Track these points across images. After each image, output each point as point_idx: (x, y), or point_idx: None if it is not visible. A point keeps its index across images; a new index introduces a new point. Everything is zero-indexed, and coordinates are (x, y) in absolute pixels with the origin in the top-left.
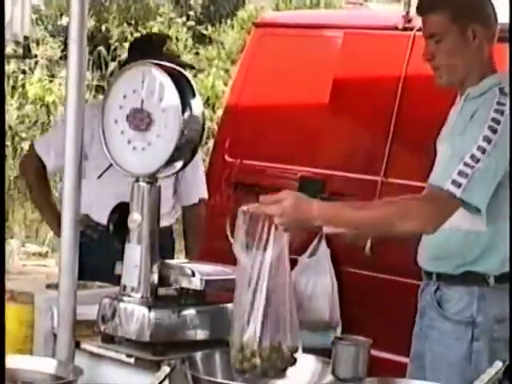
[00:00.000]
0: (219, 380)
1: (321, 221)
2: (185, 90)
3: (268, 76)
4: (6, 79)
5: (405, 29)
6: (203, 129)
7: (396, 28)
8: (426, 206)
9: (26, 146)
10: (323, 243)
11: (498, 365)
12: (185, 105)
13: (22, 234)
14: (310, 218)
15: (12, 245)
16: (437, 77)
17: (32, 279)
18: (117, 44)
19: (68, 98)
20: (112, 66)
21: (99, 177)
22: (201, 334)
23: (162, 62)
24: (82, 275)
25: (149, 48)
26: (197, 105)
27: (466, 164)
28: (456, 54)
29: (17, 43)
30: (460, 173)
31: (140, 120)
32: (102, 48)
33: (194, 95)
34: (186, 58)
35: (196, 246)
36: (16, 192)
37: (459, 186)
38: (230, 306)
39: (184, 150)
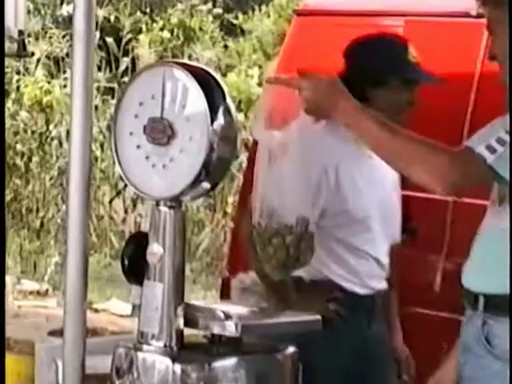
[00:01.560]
0: None
1: (341, 116)
2: (213, 94)
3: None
4: None
5: (479, 16)
6: (236, 140)
7: (468, 15)
8: (448, 158)
9: (18, 161)
10: None
11: None
12: (214, 112)
13: (18, 269)
14: (334, 107)
15: (5, 281)
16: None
17: (30, 323)
18: (129, 36)
19: (73, 103)
20: (124, 63)
21: (111, 201)
22: None
23: (186, 61)
24: None
25: (391, 55)
26: (228, 111)
27: (507, 132)
28: None
29: (10, 39)
30: (499, 140)
31: (160, 132)
32: (111, 41)
33: (224, 100)
34: (212, 52)
35: None
36: (10, 217)
37: (494, 151)
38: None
39: (213, 167)
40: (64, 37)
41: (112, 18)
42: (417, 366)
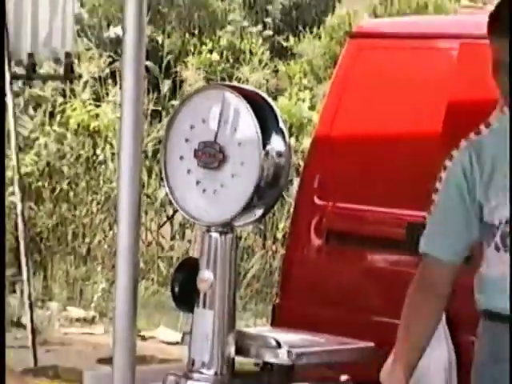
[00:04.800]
0: None
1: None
2: (266, 118)
3: (367, 99)
4: (41, 105)
5: None
6: (289, 165)
7: None
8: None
9: (65, 186)
10: None
11: None
12: (266, 136)
13: (63, 296)
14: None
15: (51, 308)
16: None
17: (76, 351)
18: (170, 58)
19: (123, 128)
20: (166, 85)
21: (160, 226)
22: None
23: (237, 84)
24: None
25: None
26: (281, 136)
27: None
28: None
29: (56, 61)
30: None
31: (211, 156)
32: (152, 64)
33: (277, 124)
34: (260, 74)
35: None
36: (56, 243)
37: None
38: None
39: (266, 193)
40: (111, 59)
41: (159, 39)
42: None
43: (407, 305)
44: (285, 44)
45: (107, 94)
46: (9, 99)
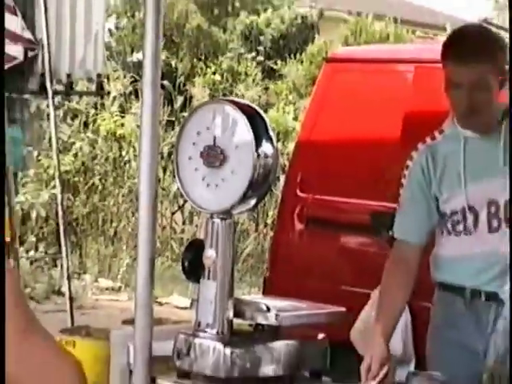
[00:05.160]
0: None
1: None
2: (258, 126)
3: (340, 111)
4: (77, 116)
5: None
6: (276, 164)
7: None
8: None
9: (96, 181)
10: None
11: None
12: (258, 141)
13: (95, 269)
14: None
15: (85, 280)
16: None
17: (105, 314)
18: (182, 78)
19: (142, 135)
20: (179, 100)
21: (173, 214)
22: (276, 370)
23: (235, 99)
24: None
25: None
26: (270, 141)
27: None
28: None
29: (89, 79)
30: None
31: (213, 157)
32: (167, 82)
33: (267, 131)
34: (253, 91)
35: None
36: (89, 227)
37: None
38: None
39: (258, 186)
40: (134, 79)
41: (173, 63)
42: None
43: (384, 279)
44: (274, 67)
45: (130, 107)
46: (51, 111)
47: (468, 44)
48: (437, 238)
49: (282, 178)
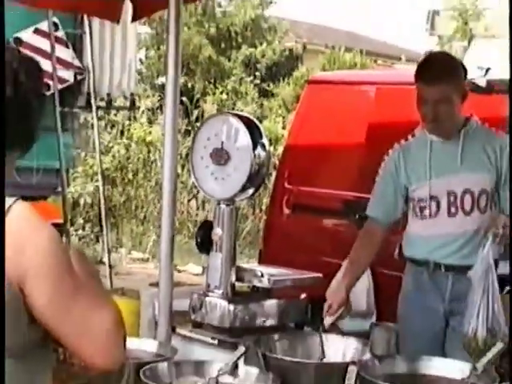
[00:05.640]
0: (282, 357)
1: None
2: (255, 133)
3: (318, 122)
4: (115, 125)
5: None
6: (269, 163)
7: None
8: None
9: (130, 176)
10: None
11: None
12: (255, 145)
13: (129, 244)
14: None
15: (121, 252)
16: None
17: (137, 279)
18: (197, 96)
19: (165, 140)
20: (194, 114)
21: (189, 201)
22: (269, 322)
23: (237, 112)
24: None
25: None
26: (264, 144)
27: None
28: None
29: (125, 97)
30: None
31: (220, 157)
32: (185, 99)
33: (261, 137)
34: (252, 107)
35: None
36: (124, 211)
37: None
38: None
39: (255, 180)
40: (159, 97)
41: (189, 84)
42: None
43: (353, 246)
44: (267, 88)
45: (156, 119)
46: (95, 122)
47: (433, 68)
48: (409, 220)
49: (274, 173)
